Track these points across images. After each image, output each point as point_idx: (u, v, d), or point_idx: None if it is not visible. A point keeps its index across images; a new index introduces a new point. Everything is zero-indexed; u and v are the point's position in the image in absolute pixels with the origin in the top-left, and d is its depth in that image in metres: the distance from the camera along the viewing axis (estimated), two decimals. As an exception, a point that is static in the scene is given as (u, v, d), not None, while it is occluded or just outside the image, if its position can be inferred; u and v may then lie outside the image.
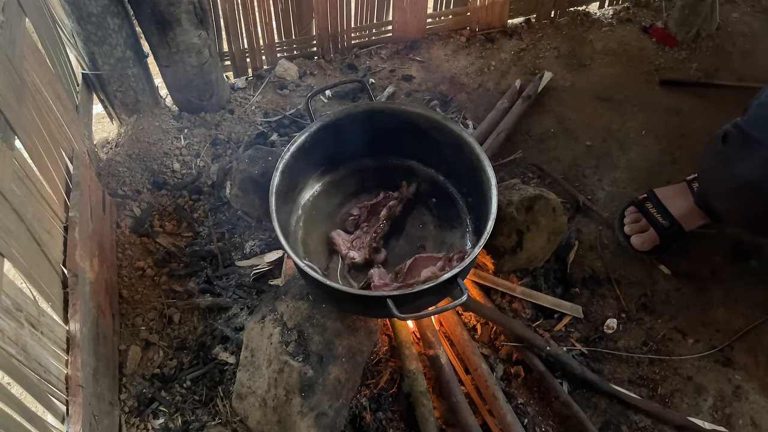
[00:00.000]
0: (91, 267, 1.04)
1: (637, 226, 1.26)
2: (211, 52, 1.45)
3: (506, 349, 1.12)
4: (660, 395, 1.08)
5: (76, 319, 0.91)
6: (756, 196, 0.88)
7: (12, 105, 0.87)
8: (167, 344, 1.13)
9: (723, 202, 0.97)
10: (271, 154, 1.26)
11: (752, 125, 0.91)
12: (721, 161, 0.94)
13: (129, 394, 1.05)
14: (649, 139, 1.52)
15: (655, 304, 1.21)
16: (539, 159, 1.48)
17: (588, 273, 1.25)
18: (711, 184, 0.99)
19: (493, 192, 0.95)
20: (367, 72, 1.73)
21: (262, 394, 0.95)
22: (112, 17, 1.28)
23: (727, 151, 0.93)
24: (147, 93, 1.48)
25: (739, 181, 0.89)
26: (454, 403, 1.00)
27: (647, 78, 1.67)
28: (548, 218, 1.13)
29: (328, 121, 1.08)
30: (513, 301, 1.18)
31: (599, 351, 1.14)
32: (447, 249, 1.07)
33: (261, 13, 1.58)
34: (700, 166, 1.02)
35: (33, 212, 0.87)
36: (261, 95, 1.65)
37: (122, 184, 1.38)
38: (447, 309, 0.85)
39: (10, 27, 0.96)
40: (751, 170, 0.87)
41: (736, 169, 0.90)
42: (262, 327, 1.00)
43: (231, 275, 1.21)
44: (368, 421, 1.00)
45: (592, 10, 1.92)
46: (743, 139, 0.91)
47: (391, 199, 1.12)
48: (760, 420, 1.05)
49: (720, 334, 1.16)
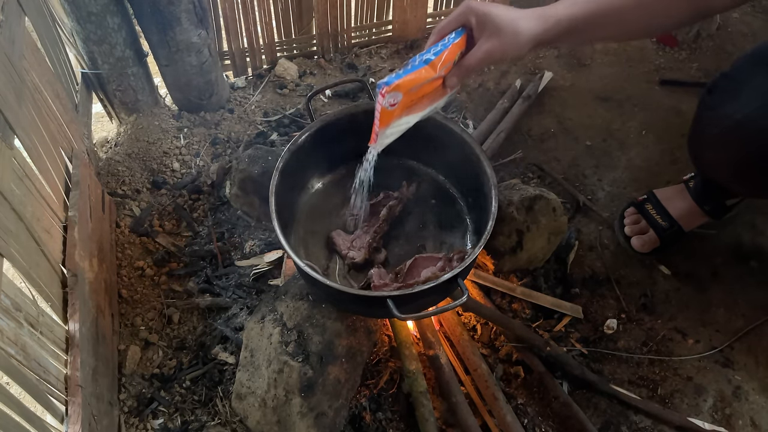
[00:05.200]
0: (91, 267, 1.04)
1: (637, 228, 1.26)
2: (210, 51, 1.45)
3: (506, 350, 1.12)
4: (660, 396, 1.08)
5: (76, 318, 0.91)
6: (747, 134, 0.89)
7: (11, 104, 0.86)
8: (167, 344, 1.13)
9: (714, 151, 0.97)
10: (270, 153, 1.26)
11: (737, 69, 0.94)
12: (709, 108, 0.96)
13: (128, 394, 1.05)
14: (649, 139, 1.52)
15: (655, 304, 1.20)
16: (539, 159, 1.48)
17: (588, 273, 1.25)
18: (702, 135, 0.99)
19: (493, 192, 0.95)
20: (367, 71, 1.73)
21: (262, 394, 0.95)
22: (111, 16, 1.28)
23: (715, 98, 0.95)
24: (146, 92, 1.48)
25: (729, 122, 0.90)
26: (454, 403, 1.00)
27: (647, 78, 1.67)
28: (548, 218, 1.13)
29: (328, 120, 1.08)
30: (513, 302, 1.18)
31: (599, 351, 1.13)
32: (447, 249, 1.07)
33: (261, 12, 1.58)
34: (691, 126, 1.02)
35: (32, 212, 0.87)
36: (261, 95, 1.65)
37: (122, 183, 1.37)
38: (447, 309, 0.84)
39: (9, 26, 0.95)
40: (739, 109, 0.89)
41: (725, 110, 0.91)
42: (261, 327, 1.00)
43: (231, 275, 1.21)
44: (368, 422, 1.00)
45: (593, 9, 1.92)
46: (729, 83, 0.93)
47: (391, 199, 1.12)
48: (760, 420, 1.05)
49: (720, 335, 1.16)
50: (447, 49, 0.82)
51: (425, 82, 0.83)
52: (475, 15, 0.82)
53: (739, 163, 0.93)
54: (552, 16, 0.83)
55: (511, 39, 0.80)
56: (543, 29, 0.82)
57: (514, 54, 0.82)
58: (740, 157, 0.92)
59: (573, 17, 0.83)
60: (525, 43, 0.81)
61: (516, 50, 0.82)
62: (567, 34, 0.84)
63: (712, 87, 0.97)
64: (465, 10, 0.83)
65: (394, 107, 0.83)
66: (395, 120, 0.87)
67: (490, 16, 0.80)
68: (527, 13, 0.82)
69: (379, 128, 0.86)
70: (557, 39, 0.85)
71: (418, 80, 0.81)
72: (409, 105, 0.86)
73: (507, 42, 0.80)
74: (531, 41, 0.82)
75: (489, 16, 0.80)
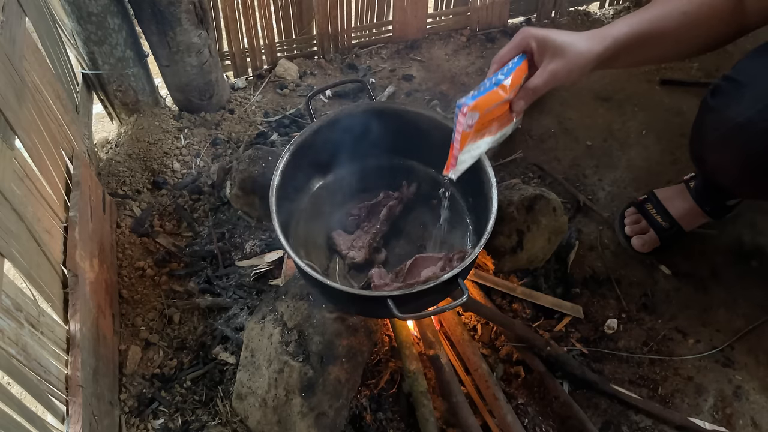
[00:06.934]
0: (91, 267, 1.04)
1: (638, 227, 1.26)
2: (211, 51, 1.45)
3: (506, 350, 1.12)
4: (660, 395, 1.08)
5: (76, 319, 0.91)
6: (750, 136, 0.89)
7: (12, 105, 0.87)
8: (167, 344, 1.13)
9: (717, 154, 0.97)
10: (271, 153, 1.26)
11: (739, 71, 0.94)
12: (712, 111, 0.96)
13: (129, 394, 1.05)
14: (649, 139, 1.52)
15: (656, 304, 1.20)
16: (540, 159, 1.48)
17: (588, 273, 1.25)
18: (705, 138, 0.99)
19: (494, 192, 0.95)
20: (367, 72, 1.73)
21: (262, 394, 0.95)
22: (112, 17, 1.28)
23: (718, 101, 0.95)
24: (147, 93, 1.48)
25: (731, 124, 0.91)
26: (454, 403, 1.00)
27: (648, 78, 1.67)
28: (549, 218, 1.13)
29: (328, 120, 1.08)
30: (513, 302, 1.18)
31: (600, 351, 1.13)
32: (447, 249, 1.07)
33: (261, 12, 1.58)
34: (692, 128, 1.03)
35: (33, 212, 0.87)
36: (261, 95, 1.65)
37: (122, 183, 1.38)
38: (447, 309, 0.84)
39: (10, 26, 0.95)
40: (742, 112, 0.89)
41: (728, 113, 0.92)
42: (262, 327, 1.00)
43: (231, 275, 1.21)
44: (368, 422, 1.00)
45: (593, 9, 1.92)
46: (732, 85, 0.93)
47: (391, 199, 1.12)
48: (760, 420, 1.05)
49: (720, 335, 1.16)
50: (513, 72, 0.82)
51: (498, 104, 0.82)
52: (536, 39, 0.83)
53: (742, 166, 0.93)
54: (609, 35, 0.85)
55: (575, 59, 0.82)
56: (603, 48, 0.84)
57: (577, 74, 0.84)
58: (743, 160, 0.92)
59: (630, 36, 0.85)
60: (588, 62, 0.83)
61: (579, 70, 0.83)
62: (625, 53, 0.86)
63: (714, 89, 0.97)
64: (525, 36, 0.84)
65: (471, 128, 0.82)
66: (470, 143, 0.85)
67: (551, 38, 0.82)
68: (585, 34, 0.84)
69: (459, 151, 0.84)
70: (616, 58, 0.87)
71: (492, 101, 0.81)
72: (481, 128, 0.85)
73: (571, 62, 0.82)
74: (593, 60, 0.83)
75: (549, 39, 0.82)
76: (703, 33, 0.91)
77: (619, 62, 0.90)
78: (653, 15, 0.88)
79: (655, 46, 0.89)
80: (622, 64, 0.92)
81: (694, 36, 0.91)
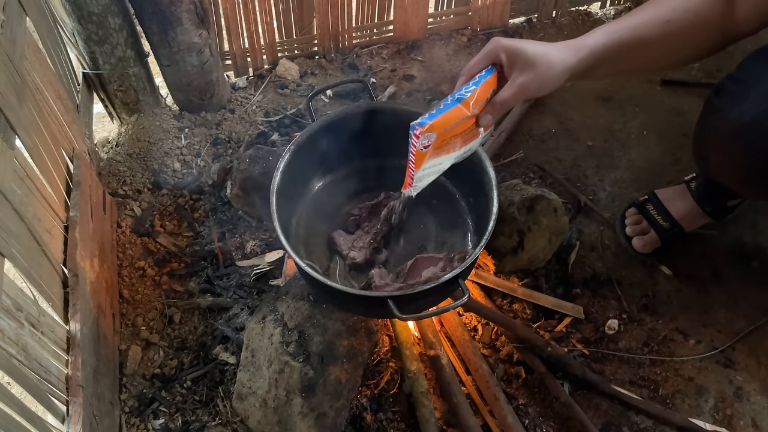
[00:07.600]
0: (92, 267, 1.04)
1: (639, 228, 1.26)
2: (211, 51, 1.45)
3: (507, 350, 1.11)
4: (661, 396, 1.08)
5: (77, 319, 0.91)
6: (755, 137, 0.87)
7: (13, 104, 0.86)
8: (168, 344, 1.13)
9: (721, 154, 0.96)
10: (271, 153, 1.26)
11: (744, 71, 0.92)
12: (716, 111, 0.94)
13: (129, 394, 1.05)
14: (650, 140, 1.51)
15: (657, 304, 1.20)
16: (540, 159, 1.47)
17: (589, 273, 1.25)
18: (708, 138, 0.98)
19: (495, 192, 0.95)
20: (368, 72, 1.73)
21: (263, 394, 0.95)
22: (113, 16, 1.28)
23: (722, 100, 0.93)
24: (148, 92, 1.48)
25: (737, 124, 0.89)
26: (455, 403, 1.00)
27: (649, 78, 1.67)
28: (549, 219, 1.13)
29: (329, 120, 1.08)
30: (514, 302, 1.18)
31: (600, 352, 1.13)
32: (448, 249, 1.07)
33: (262, 12, 1.58)
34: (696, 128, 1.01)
35: (33, 212, 0.87)
36: (262, 95, 1.65)
37: (123, 183, 1.38)
38: (448, 309, 0.84)
39: (10, 26, 0.95)
40: (748, 111, 0.87)
41: (733, 113, 0.90)
42: (262, 327, 1.00)
43: (231, 275, 1.21)
44: (369, 422, 1.00)
45: (594, 9, 1.92)
46: (737, 85, 0.92)
47: (392, 199, 1.11)
48: (761, 421, 1.05)
49: (721, 335, 1.16)
50: (479, 87, 0.80)
51: (459, 121, 0.80)
52: (505, 51, 0.80)
53: (747, 167, 0.92)
54: (585, 46, 0.81)
55: (546, 72, 0.79)
56: (576, 59, 0.81)
57: (549, 87, 0.81)
58: (747, 160, 0.91)
59: (607, 46, 0.82)
60: (560, 74, 0.80)
61: (551, 83, 0.80)
62: (602, 63, 0.83)
63: (719, 89, 0.96)
64: (494, 47, 0.81)
65: (428, 148, 0.80)
66: (428, 161, 0.84)
67: (521, 50, 0.79)
68: (558, 45, 0.81)
69: (414, 171, 0.83)
70: (592, 69, 0.84)
71: (451, 119, 0.79)
72: (442, 146, 0.83)
73: (542, 75, 0.79)
74: (565, 72, 0.81)
75: (520, 51, 0.79)
76: (688, 42, 0.87)
77: (598, 73, 0.86)
78: (634, 23, 0.84)
79: (637, 57, 0.86)
80: (602, 75, 0.88)
81: (679, 45, 0.87)
